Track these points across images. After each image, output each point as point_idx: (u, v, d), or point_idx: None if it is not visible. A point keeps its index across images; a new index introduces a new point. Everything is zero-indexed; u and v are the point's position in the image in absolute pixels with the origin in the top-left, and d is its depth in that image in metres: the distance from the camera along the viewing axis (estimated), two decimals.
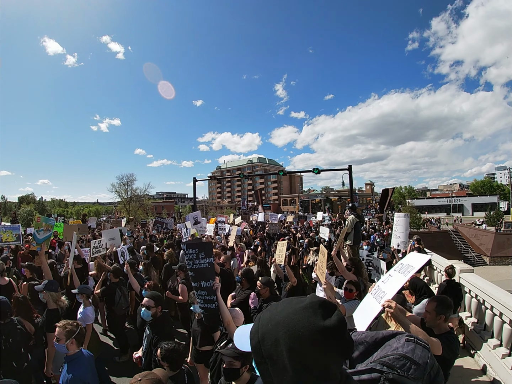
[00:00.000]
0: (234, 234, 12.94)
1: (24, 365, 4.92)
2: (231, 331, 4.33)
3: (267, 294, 5.93)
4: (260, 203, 42.53)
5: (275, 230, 16.63)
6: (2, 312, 4.95)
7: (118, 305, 7.41)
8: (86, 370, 3.87)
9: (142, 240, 14.81)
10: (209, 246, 4.91)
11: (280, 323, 1.06)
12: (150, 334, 4.89)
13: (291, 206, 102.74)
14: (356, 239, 10.91)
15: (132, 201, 62.23)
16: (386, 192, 23.87)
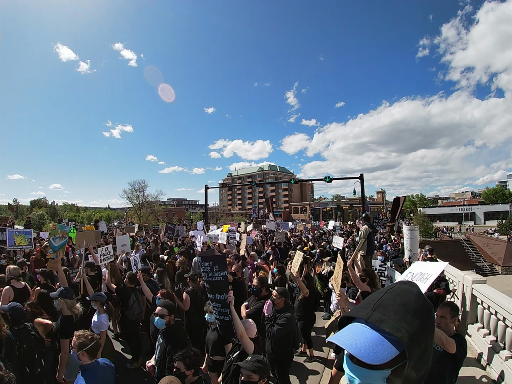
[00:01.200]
0: (244, 243, 12.88)
1: (37, 370, 4.98)
2: (245, 343, 4.37)
3: (282, 304, 5.93)
4: (271, 210, 42.50)
5: (281, 239, 16.51)
6: (16, 318, 5.04)
7: (131, 309, 7.48)
8: (96, 382, 3.85)
9: (153, 247, 14.84)
10: (223, 260, 4.97)
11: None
12: (163, 343, 4.90)
13: (301, 214, 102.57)
14: (369, 249, 10.86)
15: (143, 207, 62.64)
16: (398, 200, 23.68)
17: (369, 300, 1.29)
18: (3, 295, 6.49)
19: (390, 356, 1.10)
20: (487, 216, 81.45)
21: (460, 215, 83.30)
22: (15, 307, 5.13)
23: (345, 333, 1.22)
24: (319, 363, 7.74)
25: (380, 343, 1.13)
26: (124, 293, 7.58)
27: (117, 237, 11.50)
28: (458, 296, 7.73)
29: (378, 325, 1.16)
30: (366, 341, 1.14)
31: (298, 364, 7.55)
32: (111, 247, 9.38)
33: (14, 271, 7.00)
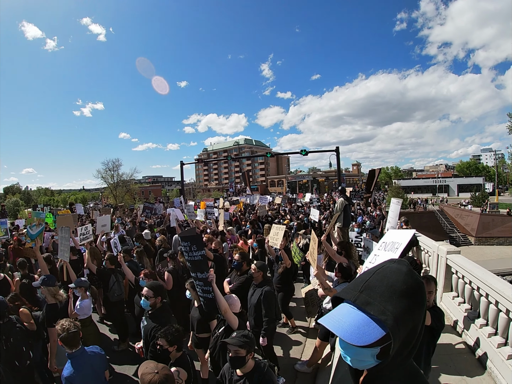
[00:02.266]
0: (222, 218, 13.02)
1: (26, 363, 5.01)
2: (229, 318, 4.49)
3: (260, 278, 6.03)
4: (247, 184, 42.64)
5: (263, 212, 16.69)
6: (1, 312, 4.98)
7: (111, 291, 7.49)
8: (80, 371, 3.89)
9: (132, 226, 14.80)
10: (200, 239, 5.03)
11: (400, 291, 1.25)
12: (147, 325, 4.94)
13: (278, 187, 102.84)
14: (346, 221, 11.05)
15: (118, 187, 61.74)
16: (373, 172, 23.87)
17: (358, 281, 1.37)
18: None
19: (376, 337, 1.20)
20: (460, 188, 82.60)
21: (434, 187, 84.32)
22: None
23: (333, 315, 1.31)
24: (301, 334, 7.95)
25: (366, 324, 1.22)
26: (104, 275, 7.60)
27: (97, 218, 11.50)
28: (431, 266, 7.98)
29: (364, 307, 1.24)
30: (352, 323, 1.23)
31: (281, 335, 7.74)
32: (90, 227, 9.33)
33: None
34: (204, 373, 5.75)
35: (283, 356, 6.98)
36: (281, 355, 6.94)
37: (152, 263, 9.51)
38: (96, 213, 21.06)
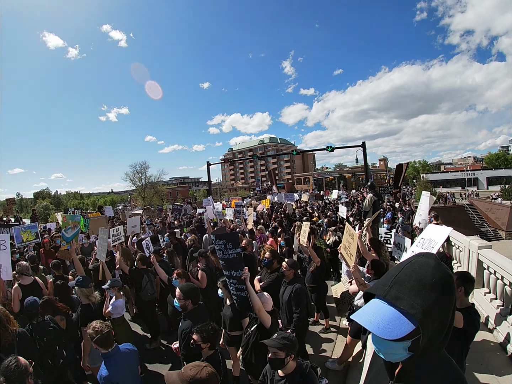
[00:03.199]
0: (251, 217, 13.00)
1: (59, 362, 5.10)
2: (262, 317, 4.47)
3: (292, 275, 6.01)
4: (274, 183, 42.66)
5: (291, 210, 16.66)
6: (30, 313, 5.15)
7: (144, 290, 7.60)
8: (117, 370, 3.95)
9: (161, 227, 14.96)
10: (236, 237, 5.04)
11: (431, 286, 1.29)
12: (181, 326, 4.98)
13: (305, 185, 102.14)
14: (376, 217, 10.89)
15: (146, 188, 62.76)
16: (400, 167, 23.54)
17: (388, 276, 1.40)
18: (13, 295, 6.53)
19: (407, 331, 1.24)
20: (490, 181, 79.89)
21: (463, 181, 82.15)
22: (26, 302, 5.22)
23: (365, 311, 1.35)
24: (332, 332, 7.89)
25: (397, 318, 1.26)
26: (136, 275, 7.70)
27: (128, 219, 11.67)
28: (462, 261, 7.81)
29: (394, 302, 1.28)
30: (383, 318, 1.28)
31: (312, 333, 7.69)
32: (121, 228, 9.46)
33: (20, 267, 6.97)
34: (236, 371, 5.76)
35: (313, 354, 6.94)
36: (311, 353, 6.91)
37: (182, 261, 9.60)
38: (126, 215, 21.43)
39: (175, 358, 6.79)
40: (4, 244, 7.44)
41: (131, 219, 11.06)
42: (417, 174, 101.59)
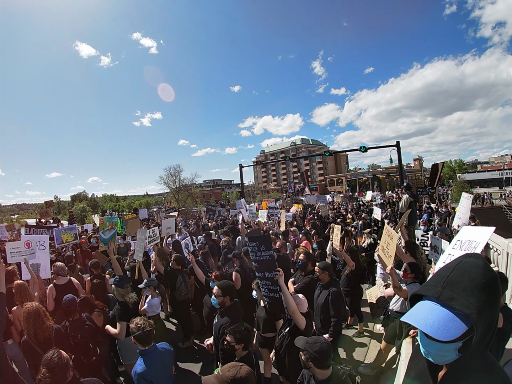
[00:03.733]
0: (283, 219, 12.93)
1: (92, 359, 5.21)
2: (297, 318, 4.45)
3: (327, 278, 5.97)
4: (306, 185, 42.50)
5: (325, 211, 16.50)
6: (68, 310, 5.30)
7: (178, 290, 7.68)
8: (153, 367, 4.01)
9: (195, 229, 15.12)
10: (268, 240, 5.04)
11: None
12: (218, 322, 5.05)
13: (338, 186, 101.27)
14: (411, 219, 10.67)
15: (180, 191, 63.65)
16: (436, 167, 23.03)
17: (438, 277, 1.39)
18: (48, 295, 6.72)
19: (461, 332, 1.24)
20: None
21: (500, 180, 79.61)
22: (65, 299, 5.37)
23: (417, 312, 1.35)
24: (365, 336, 7.80)
25: (451, 319, 1.26)
26: (171, 275, 7.78)
27: (163, 220, 11.84)
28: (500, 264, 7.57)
29: (448, 303, 1.28)
30: (437, 319, 1.28)
31: (345, 337, 7.59)
32: (157, 229, 9.63)
33: (56, 268, 7.16)
34: (267, 373, 5.72)
35: (346, 358, 6.87)
36: (344, 357, 6.85)
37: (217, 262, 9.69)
38: (161, 216, 21.74)
39: (207, 357, 6.97)
40: (44, 245, 7.80)
41: (166, 221, 11.24)
42: (453, 174, 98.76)
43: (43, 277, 7.14)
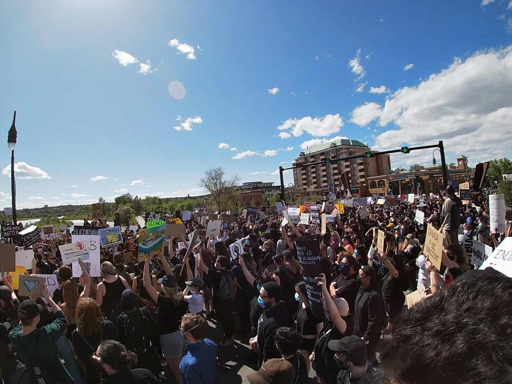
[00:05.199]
0: (324, 222, 12.80)
1: (143, 351, 5.52)
2: (338, 322, 4.56)
3: (368, 283, 6.06)
4: (347, 187, 42.14)
5: (365, 214, 16.34)
6: (126, 304, 5.68)
7: (222, 290, 7.93)
8: (202, 360, 4.21)
9: (237, 231, 15.37)
10: (316, 245, 5.19)
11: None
12: (263, 322, 5.23)
13: (379, 188, 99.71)
14: (454, 223, 10.46)
15: (221, 194, 64.51)
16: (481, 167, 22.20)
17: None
18: (97, 291, 7.07)
19: None
20: None
21: None
22: (125, 293, 5.75)
23: None
24: None
25: None
26: (215, 275, 8.05)
27: (208, 223, 12.22)
28: None
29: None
30: None
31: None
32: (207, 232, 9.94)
33: (105, 267, 7.54)
34: None
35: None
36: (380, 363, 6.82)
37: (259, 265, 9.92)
38: (203, 219, 22.20)
39: (246, 356, 7.26)
40: (94, 245, 8.28)
41: (212, 223, 11.59)
42: (499, 174, 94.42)
43: (92, 275, 7.56)
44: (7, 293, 6.20)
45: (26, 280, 6.00)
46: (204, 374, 4.16)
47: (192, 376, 4.05)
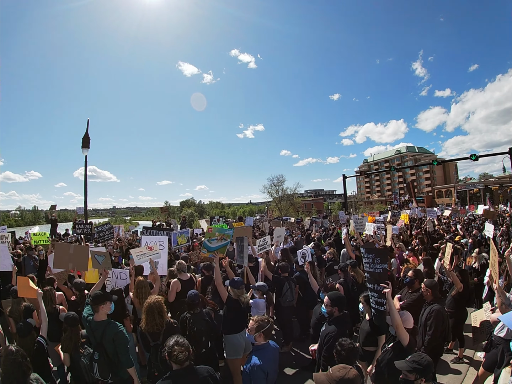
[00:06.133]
0: (390, 233, 12.66)
1: (201, 351, 5.70)
2: (400, 334, 4.53)
3: (430, 296, 6.01)
4: (413, 196, 41.04)
5: (431, 227, 15.85)
6: (191, 304, 5.89)
7: (284, 296, 8.02)
8: (269, 361, 4.37)
9: (299, 239, 15.48)
10: (385, 254, 5.28)
11: None
12: (325, 330, 5.32)
13: (446, 198, 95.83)
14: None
15: (283, 200, 64.91)
16: None
17: None
18: (171, 286, 7.50)
19: None
20: None
21: None
22: (190, 293, 5.98)
23: None
24: (464, 363, 7.39)
25: None
26: (279, 281, 8.18)
27: (275, 229, 12.36)
28: None
29: None
30: None
31: (443, 362, 7.31)
32: (269, 238, 10.12)
33: (180, 265, 7.94)
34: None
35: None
36: (439, 381, 6.56)
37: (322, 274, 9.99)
38: (265, 225, 22.50)
39: (303, 364, 7.37)
40: (163, 245, 8.90)
41: (278, 230, 11.81)
42: None
43: (160, 273, 7.94)
44: (82, 285, 7.11)
45: (96, 255, 7.36)
46: (269, 375, 4.32)
47: (259, 376, 4.21)
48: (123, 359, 4.95)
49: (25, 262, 11.97)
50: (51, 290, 6.67)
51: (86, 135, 20.16)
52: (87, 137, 20.15)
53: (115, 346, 4.94)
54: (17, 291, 6.26)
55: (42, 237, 14.63)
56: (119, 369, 5.02)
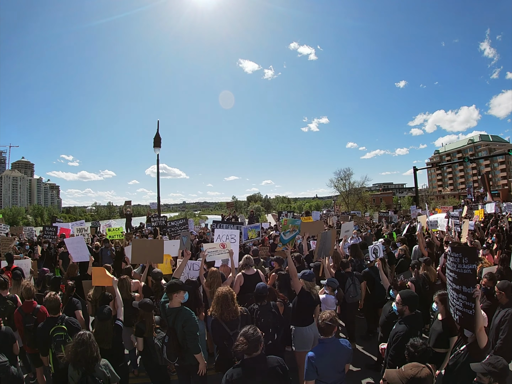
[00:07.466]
0: (466, 229, 11.85)
1: (268, 342, 5.67)
2: (480, 336, 4.35)
3: (505, 299, 5.79)
4: (488, 190, 38.82)
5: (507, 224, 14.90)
6: (259, 296, 6.06)
7: (347, 292, 8.01)
8: (322, 355, 4.44)
9: (368, 234, 15.27)
10: (474, 253, 5.00)
11: None
12: (395, 329, 5.23)
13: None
14: None
15: (350, 195, 63.99)
16: None
17: None
18: (235, 281, 7.69)
19: None
20: None
21: None
22: (259, 286, 6.16)
23: None
24: None
25: None
26: (341, 277, 8.17)
27: (343, 224, 12.17)
28: None
29: None
30: None
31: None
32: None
33: (247, 260, 8.12)
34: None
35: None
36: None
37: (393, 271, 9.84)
38: (333, 219, 22.40)
39: (368, 363, 7.36)
40: (234, 238, 9.31)
41: (346, 224, 11.78)
42: None
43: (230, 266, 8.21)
44: (159, 275, 7.60)
45: (183, 236, 8.53)
46: (320, 370, 4.34)
47: (308, 367, 4.32)
48: (191, 345, 5.19)
49: (103, 253, 13.22)
50: (127, 279, 7.22)
51: (157, 135, 21.18)
52: (158, 137, 21.16)
53: (185, 332, 5.20)
54: (92, 280, 6.72)
55: (116, 232, 15.89)
56: (187, 354, 5.27)
